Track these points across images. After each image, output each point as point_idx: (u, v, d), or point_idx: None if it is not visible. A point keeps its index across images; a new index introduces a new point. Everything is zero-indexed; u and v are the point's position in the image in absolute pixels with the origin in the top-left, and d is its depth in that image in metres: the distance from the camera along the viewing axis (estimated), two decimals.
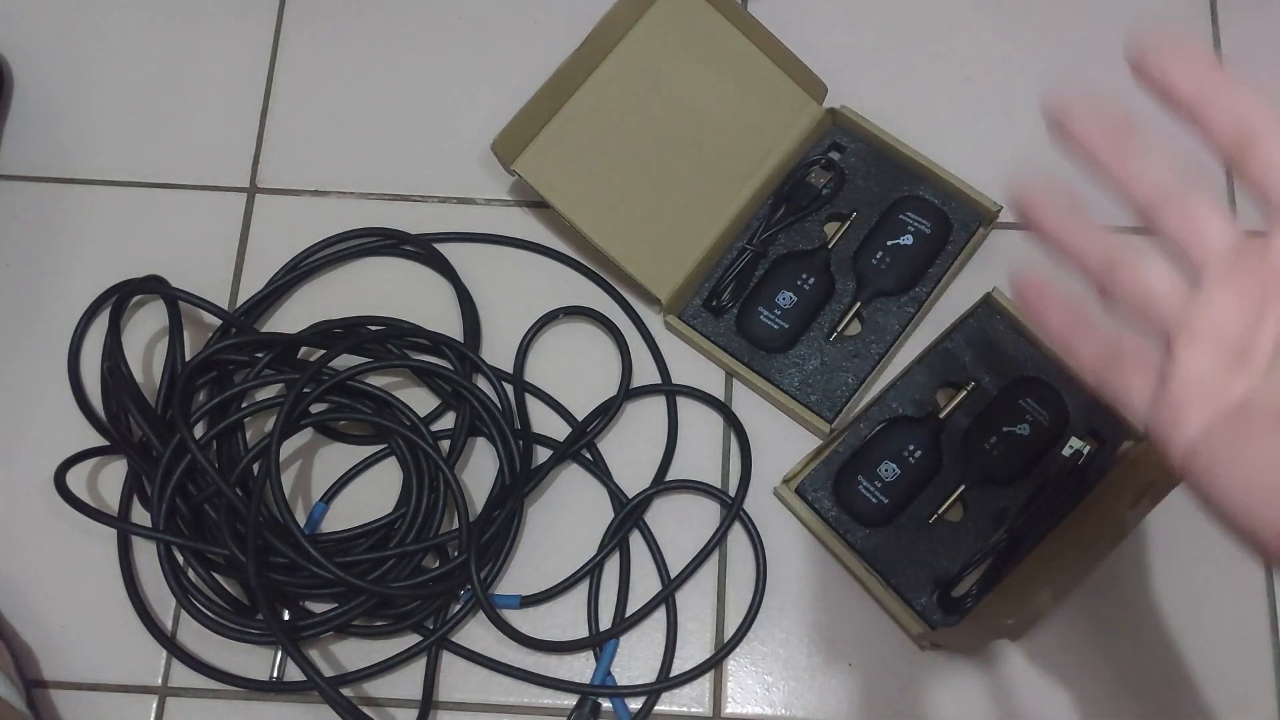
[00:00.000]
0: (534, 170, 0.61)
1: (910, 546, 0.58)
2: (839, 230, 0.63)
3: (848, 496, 0.59)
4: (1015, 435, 0.59)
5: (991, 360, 0.61)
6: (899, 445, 0.59)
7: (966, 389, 0.61)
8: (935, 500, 0.59)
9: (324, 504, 0.60)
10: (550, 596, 0.59)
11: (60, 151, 0.68)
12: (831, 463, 0.60)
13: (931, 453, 0.59)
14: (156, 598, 0.59)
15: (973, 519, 0.59)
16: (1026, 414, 0.59)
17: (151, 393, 0.62)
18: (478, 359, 0.61)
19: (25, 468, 0.61)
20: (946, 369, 0.61)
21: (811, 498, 0.60)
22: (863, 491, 0.59)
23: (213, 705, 0.58)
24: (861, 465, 0.59)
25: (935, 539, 0.59)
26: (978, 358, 0.61)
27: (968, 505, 0.59)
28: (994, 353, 0.61)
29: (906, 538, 0.59)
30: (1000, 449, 0.59)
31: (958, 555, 0.58)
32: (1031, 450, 0.59)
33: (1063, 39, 0.69)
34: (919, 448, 0.59)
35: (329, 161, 0.67)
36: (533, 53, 0.67)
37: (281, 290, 0.64)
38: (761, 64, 0.64)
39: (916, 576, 0.58)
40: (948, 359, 0.61)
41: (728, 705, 0.58)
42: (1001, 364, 0.61)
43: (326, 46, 0.70)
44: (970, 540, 0.59)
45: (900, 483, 0.59)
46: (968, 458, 0.59)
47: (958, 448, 0.60)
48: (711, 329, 0.62)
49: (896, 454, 0.59)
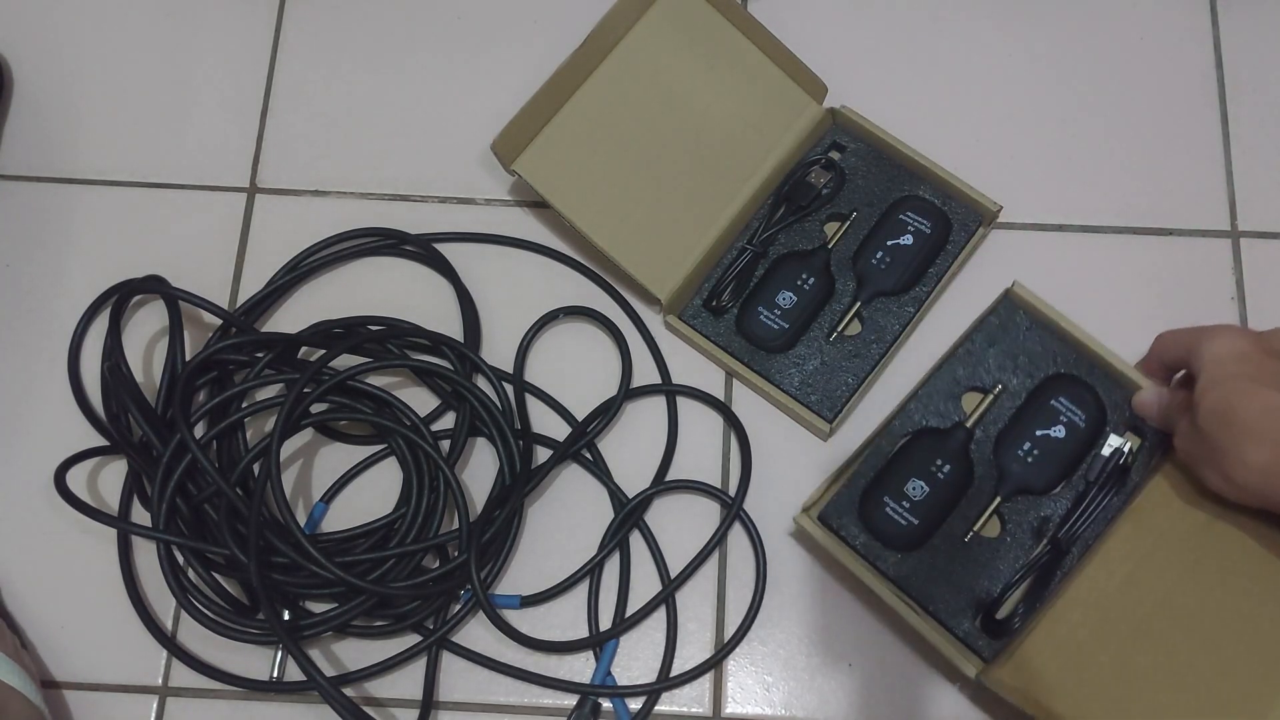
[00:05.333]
0: (534, 170, 0.61)
1: (946, 569, 0.55)
2: (839, 230, 0.63)
3: (875, 520, 0.56)
4: (1050, 439, 0.56)
5: (1018, 360, 0.58)
6: (926, 460, 0.56)
7: (993, 394, 0.58)
8: (969, 516, 0.56)
9: (324, 504, 0.60)
10: (550, 596, 0.59)
11: (60, 151, 0.68)
12: (854, 486, 0.57)
13: (961, 465, 0.56)
14: (156, 598, 0.59)
15: (1011, 533, 0.56)
16: (1060, 415, 0.56)
17: (151, 393, 0.62)
18: (478, 359, 0.61)
19: (25, 468, 0.61)
20: (970, 374, 0.58)
21: (837, 524, 0.56)
22: (891, 514, 0.56)
23: (213, 705, 0.58)
24: (887, 485, 0.56)
25: (973, 558, 0.55)
26: (1003, 358, 0.58)
27: (1005, 519, 0.56)
28: (1020, 352, 0.58)
29: (941, 560, 0.55)
30: (1035, 455, 0.56)
31: (998, 574, 0.55)
32: (1069, 453, 0.56)
33: (1063, 39, 0.69)
34: (947, 461, 0.56)
35: (329, 161, 0.67)
36: (533, 53, 0.67)
37: (281, 290, 0.64)
38: (761, 64, 0.64)
39: (956, 601, 0.54)
40: (970, 363, 0.58)
41: (728, 705, 0.58)
42: (1029, 363, 0.58)
43: (326, 46, 0.70)
44: (1011, 556, 0.55)
45: (930, 501, 0.56)
46: (1001, 468, 0.56)
47: (989, 458, 0.57)
48: (711, 329, 0.62)
49: (924, 470, 0.56)
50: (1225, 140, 0.66)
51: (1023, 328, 0.58)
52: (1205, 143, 0.66)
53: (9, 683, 0.53)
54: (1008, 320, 0.59)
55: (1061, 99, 0.68)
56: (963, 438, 0.57)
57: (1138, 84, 0.68)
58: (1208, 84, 0.68)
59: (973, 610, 0.55)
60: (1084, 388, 0.57)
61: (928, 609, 0.55)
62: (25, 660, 0.56)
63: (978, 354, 0.58)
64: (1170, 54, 0.68)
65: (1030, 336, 0.58)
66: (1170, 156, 0.66)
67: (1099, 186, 0.65)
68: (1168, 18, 0.69)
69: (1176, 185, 0.66)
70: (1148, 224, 0.65)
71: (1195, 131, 0.67)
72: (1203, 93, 0.67)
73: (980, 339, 0.59)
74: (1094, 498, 0.55)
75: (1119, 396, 0.57)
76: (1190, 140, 0.67)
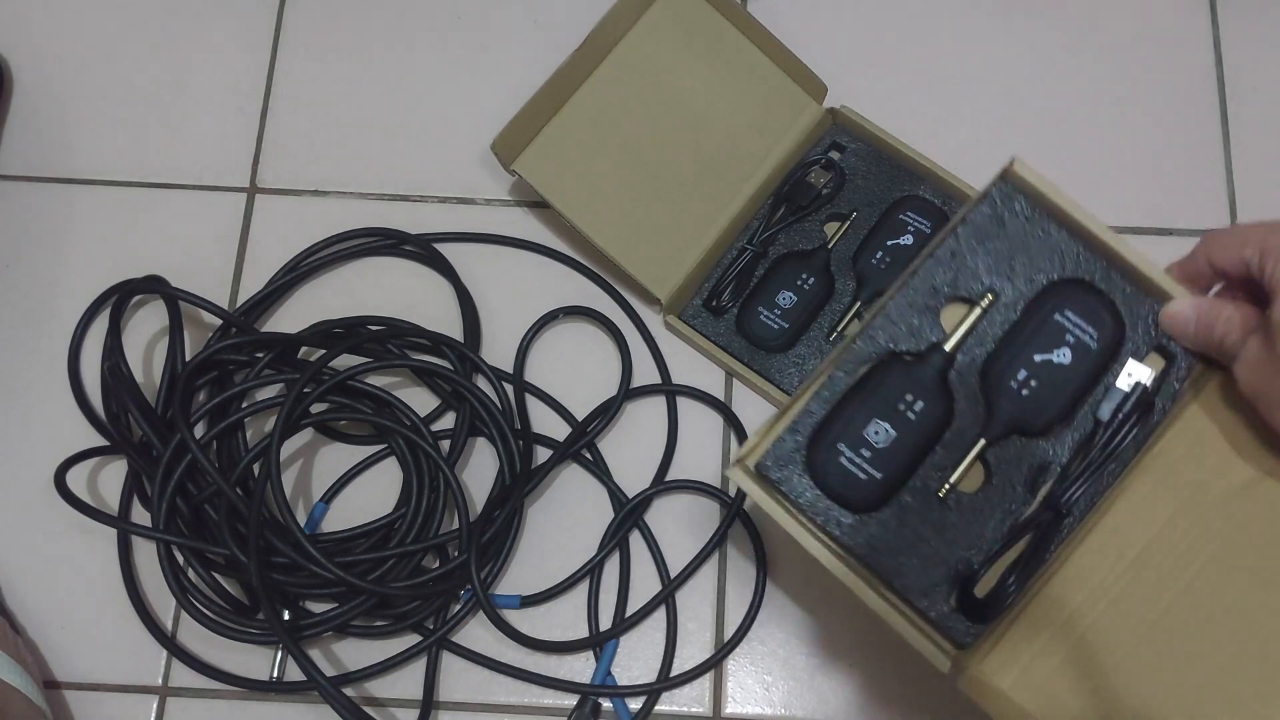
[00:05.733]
0: (534, 170, 0.61)
1: (916, 534, 0.44)
2: (839, 230, 0.63)
3: (826, 472, 0.44)
4: (1052, 366, 0.44)
5: (1014, 262, 0.45)
6: (893, 394, 0.45)
7: (981, 306, 0.45)
8: (946, 466, 0.45)
9: (324, 504, 0.60)
10: (550, 596, 0.59)
11: (60, 151, 0.68)
12: (800, 428, 0.45)
13: (937, 400, 0.45)
14: (156, 598, 0.59)
15: (999, 487, 0.45)
16: (1067, 333, 0.44)
17: (151, 393, 0.62)
18: (478, 359, 0.61)
19: (25, 468, 0.61)
20: (952, 280, 0.45)
21: (777, 477, 0.45)
22: (846, 465, 0.44)
23: (213, 705, 0.58)
24: (842, 427, 0.45)
25: (950, 520, 0.44)
26: (995, 260, 0.45)
27: (991, 469, 0.45)
28: (1017, 250, 0.45)
29: (911, 522, 0.44)
30: (1033, 386, 0.44)
31: (981, 539, 0.44)
32: (1075, 383, 0.44)
33: (1062, 39, 0.69)
34: (920, 395, 0.44)
35: (329, 161, 0.67)
36: (533, 53, 0.67)
37: (281, 290, 0.64)
38: (761, 64, 0.64)
39: (928, 574, 0.44)
40: (953, 265, 0.45)
41: (728, 705, 0.58)
42: (1029, 265, 0.45)
43: (326, 46, 0.70)
44: (997, 517, 0.44)
45: (897, 447, 0.44)
46: (989, 402, 0.45)
47: (973, 390, 0.45)
48: (711, 329, 0.62)
49: (889, 407, 0.44)
50: (1225, 140, 0.66)
51: (1022, 219, 0.45)
52: (1205, 143, 0.66)
53: (10, 682, 0.53)
54: (1004, 209, 0.45)
55: (1061, 99, 0.68)
56: (940, 364, 0.45)
57: (1137, 84, 0.68)
58: (1208, 84, 0.68)
59: (947, 586, 0.44)
60: (1098, 298, 0.45)
61: (892, 584, 0.44)
62: (27, 660, 0.56)
63: (963, 254, 0.45)
64: (1170, 54, 0.68)
65: (1032, 231, 0.45)
66: (1170, 156, 0.66)
67: (1099, 186, 0.65)
68: (1168, 18, 0.69)
69: (1176, 185, 0.66)
70: (1148, 224, 0.65)
71: (1195, 131, 0.67)
72: (1203, 93, 0.67)
73: (966, 234, 0.45)
74: (1106, 443, 0.44)
75: (1144, 311, 0.45)
76: (1190, 140, 0.67)
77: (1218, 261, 0.43)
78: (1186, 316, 0.44)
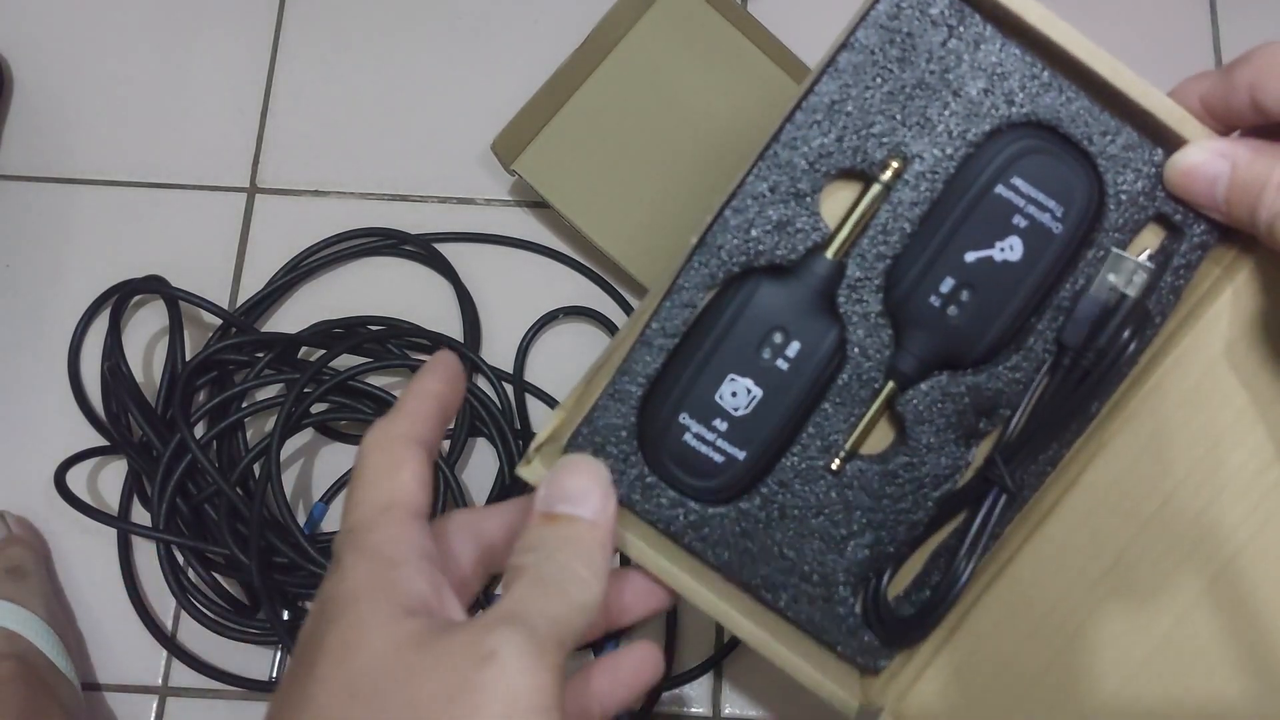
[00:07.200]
0: (534, 170, 0.61)
1: (799, 526, 0.32)
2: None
3: (665, 456, 0.32)
4: (994, 266, 0.30)
5: (930, 103, 0.30)
6: (753, 335, 0.31)
7: (881, 180, 0.31)
8: (841, 427, 0.32)
9: (324, 504, 0.60)
10: None
11: (60, 151, 0.68)
12: (621, 396, 0.32)
13: (821, 335, 0.31)
14: (156, 598, 0.59)
15: (918, 448, 0.32)
16: (1015, 213, 0.30)
17: (151, 393, 0.62)
18: (478, 359, 0.61)
19: (25, 468, 0.61)
20: (834, 142, 0.31)
21: None
22: (694, 443, 0.32)
23: (213, 705, 0.58)
24: (684, 391, 0.32)
25: (849, 499, 0.32)
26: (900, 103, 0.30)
27: (906, 423, 0.32)
28: (936, 84, 0.30)
29: (791, 510, 0.32)
30: (964, 301, 0.30)
31: (894, 521, 0.32)
32: (1030, 288, 0.30)
33: None
34: (795, 332, 0.31)
35: (329, 161, 0.67)
36: (533, 53, 0.67)
37: (281, 290, 0.64)
38: (761, 64, 0.64)
39: (818, 581, 0.32)
40: (832, 120, 0.31)
41: (728, 705, 0.58)
42: (954, 107, 0.30)
43: (326, 46, 0.70)
44: (918, 488, 0.32)
45: (765, 411, 0.31)
46: (900, 324, 0.31)
47: (873, 314, 0.31)
48: None
49: (749, 356, 0.31)
50: None
51: (943, 29, 0.30)
52: None
53: (66, 674, 0.54)
54: (912, 16, 0.29)
55: None
56: (822, 279, 0.31)
57: None
58: None
59: (851, 589, 0.32)
60: (1065, 153, 0.30)
61: (767, 601, 0.32)
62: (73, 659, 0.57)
63: (847, 99, 0.30)
64: (1170, 54, 0.68)
65: (959, 51, 0.30)
66: None
67: None
68: (1168, 18, 0.69)
69: None
70: None
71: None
72: None
73: (852, 65, 0.30)
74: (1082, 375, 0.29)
75: (1139, 165, 0.30)
76: None
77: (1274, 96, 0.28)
78: (1213, 171, 0.29)
